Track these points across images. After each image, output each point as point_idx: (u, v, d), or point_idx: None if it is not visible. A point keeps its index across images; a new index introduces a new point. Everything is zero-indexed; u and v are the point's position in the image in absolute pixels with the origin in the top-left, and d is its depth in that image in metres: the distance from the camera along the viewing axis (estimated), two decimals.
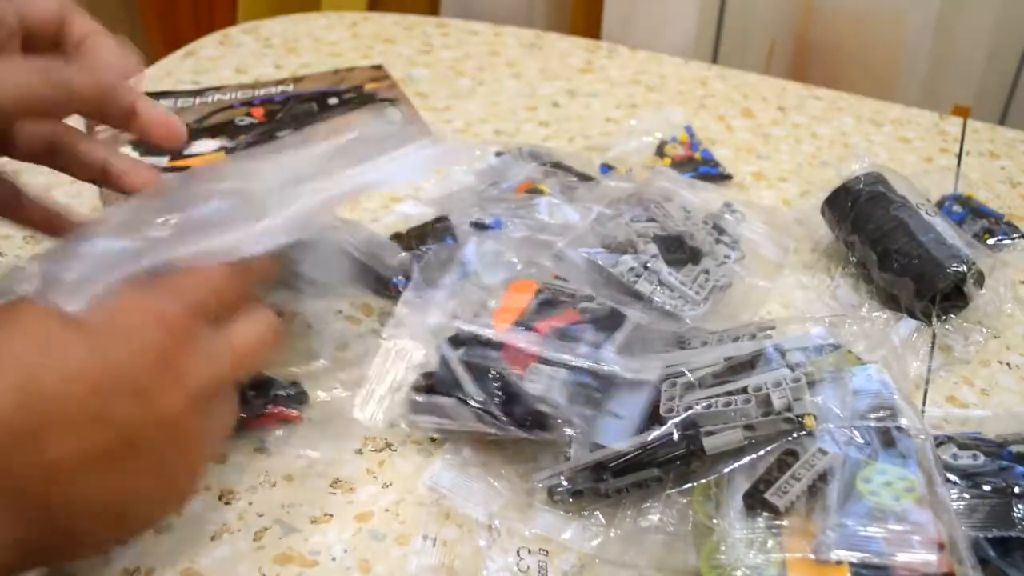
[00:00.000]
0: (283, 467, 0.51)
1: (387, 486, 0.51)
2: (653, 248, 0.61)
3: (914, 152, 0.83)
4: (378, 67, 0.92)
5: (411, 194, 0.74)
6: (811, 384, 0.47)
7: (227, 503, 0.49)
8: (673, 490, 0.46)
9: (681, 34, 1.19)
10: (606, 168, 0.76)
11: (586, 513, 0.48)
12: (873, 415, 0.47)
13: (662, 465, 0.46)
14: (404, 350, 0.55)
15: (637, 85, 0.92)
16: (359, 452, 0.53)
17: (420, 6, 1.38)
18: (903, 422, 0.46)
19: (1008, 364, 0.61)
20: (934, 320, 0.61)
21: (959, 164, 0.80)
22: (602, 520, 0.48)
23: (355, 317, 0.62)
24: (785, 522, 0.43)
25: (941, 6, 1.11)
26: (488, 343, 0.53)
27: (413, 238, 0.66)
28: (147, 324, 0.39)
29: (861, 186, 0.67)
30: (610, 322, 0.54)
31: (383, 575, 0.46)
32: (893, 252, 0.64)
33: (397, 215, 0.71)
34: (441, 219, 0.69)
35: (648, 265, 0.60)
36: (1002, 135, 0.87)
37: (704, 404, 0.47)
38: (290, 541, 0.48)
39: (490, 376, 0.51)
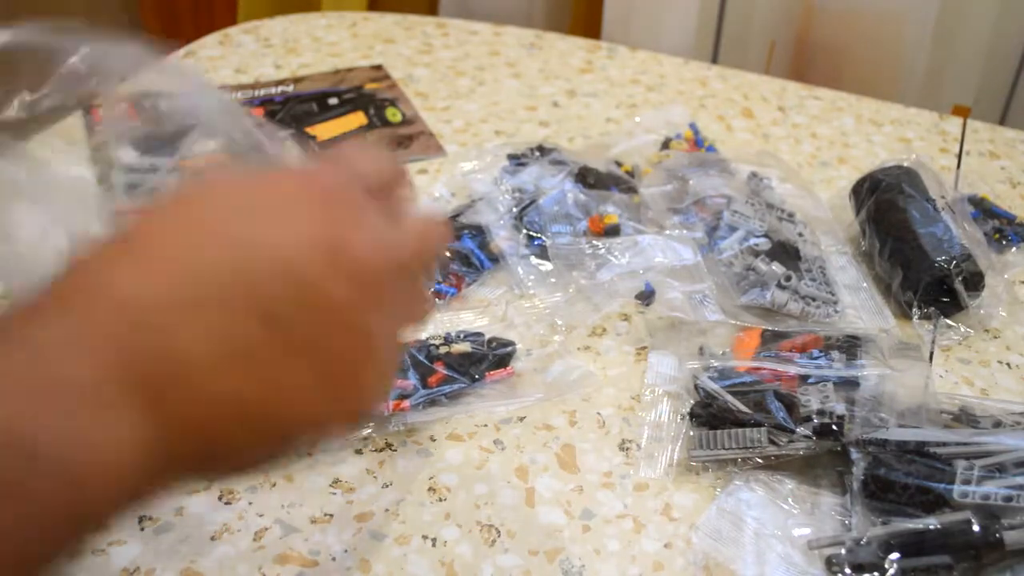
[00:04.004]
0: (283, 467, 0.51)
1: (387, 486, 0.51)
2: (780, 268, 0.63)
3: (914, 152, 0.83)
4: (378, 67, 0.92)
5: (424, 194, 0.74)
6: None
7: (227, 503, 0.49)
8: None
9: (681, 34, 1.19)
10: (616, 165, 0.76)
11: None
12: None
13: (954, 552, 0.44)
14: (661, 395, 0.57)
15: (637, 85, 0.92)
16: (359, 452, 0.53)
17: (420, 6, 1.38)
18: None
19: (1008, 364, 0.61)
20: (915, 311, 0.62)
21: (959, 164, 0.80)
22: None
23: None
24: None
25: (941, 6, 1.11)
26: (741, 373, 0.55)
27: None
28: (304, 197, 0.32)
29: (884, 176, 0.68)
30: (848, 344, 0.56)
31: (383, 575, 0.46)
32: (890, 241, 0.64)
33: None
34: (454, 217, 0.69)
35: (786, 286, 0.62)
36: (1002, 135, 0.87)
37: (1005, 496, 0.45)
38: (290, 541, 0.48)
39: (766, 398, 0.52)
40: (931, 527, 0.45)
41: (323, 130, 0.82)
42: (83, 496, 0.27)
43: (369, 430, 0.53)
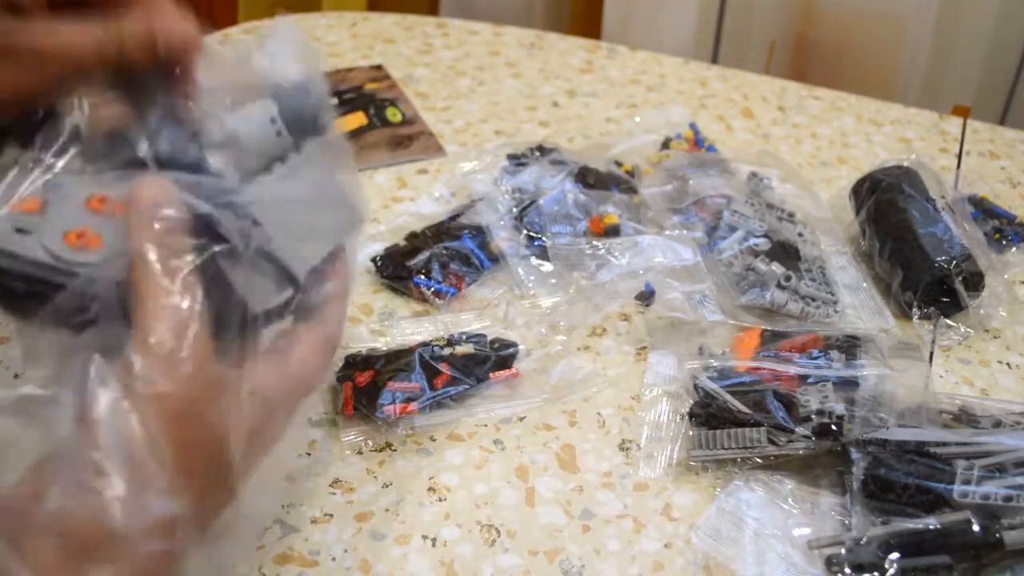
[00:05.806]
0: (283, 467, 0.51)
1: (387, 486, 0.51)
2: (780, 268, 0.63)
3: (914, 152, 0.83)
4: (378, 67, 0.92)
5: (424, 194, 0.74)
6: None
7: None
8: None
9: (681, 34, 1.19)
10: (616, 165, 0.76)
11: None
12: None
13: (954, 552, 0.44)
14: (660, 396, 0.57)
15: (637, 85, 0.92)
16: (359, 452, 0.53)
17: (420, 6, 1.38)
18: None
19: (1008, 364, 0.61)
20: (915, 311, 0.62)
21: (959, 164, 0.80)
22: None
23: (356, 317, 0.62)
24: None
25: (941, 6, 1.11)
26: (741, 373, 0.55)
27: (429, 237, 0.67)
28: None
29: (884, 176, 0.68)
30: (848, 344, 0.56)
31: (383, 575, 0.46)
32: (890, 241, 0.64)
33: (409, 215, 0.71)
34: (455, 217, 0.69)
35: (785, 286, 0.62)
36: (1002, 135, 0.87)
37: (1005, 496, 0.45)
38: (290, 541, 0.48)
39: (765, 398, 0.52)
40: (931, 527, 0.45)
41: None
42: None
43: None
